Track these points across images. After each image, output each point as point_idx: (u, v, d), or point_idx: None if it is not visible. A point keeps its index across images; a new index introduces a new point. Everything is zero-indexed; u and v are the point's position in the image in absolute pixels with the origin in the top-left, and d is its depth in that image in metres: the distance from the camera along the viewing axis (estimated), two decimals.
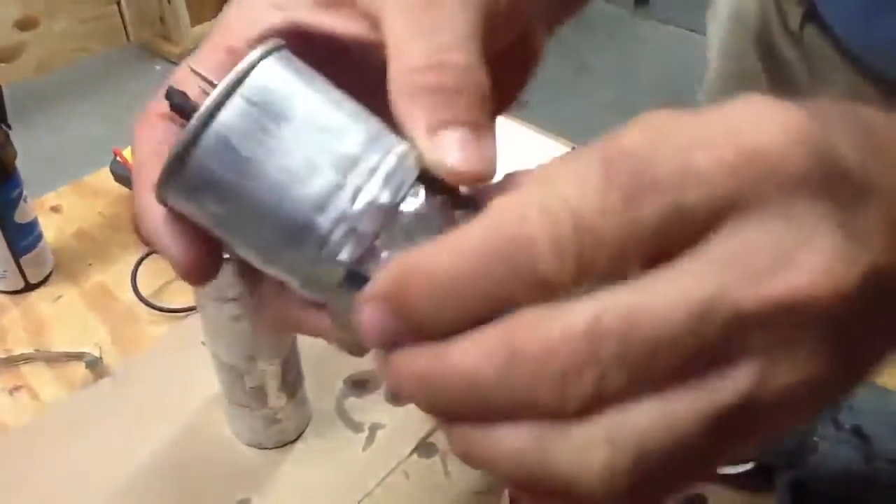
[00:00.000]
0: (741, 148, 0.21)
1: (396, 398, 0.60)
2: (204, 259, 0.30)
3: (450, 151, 0.26)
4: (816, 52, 0.67)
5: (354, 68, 0.30)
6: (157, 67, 2.47)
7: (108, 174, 0.77)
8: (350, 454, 0.57)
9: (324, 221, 0.25)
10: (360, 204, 0.25)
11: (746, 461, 0.52)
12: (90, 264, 0.72)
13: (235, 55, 0.29)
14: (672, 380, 0.21)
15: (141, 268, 0.69)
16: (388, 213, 0.25)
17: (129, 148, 0.77)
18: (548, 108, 1.94)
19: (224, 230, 0.28)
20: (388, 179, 0.25)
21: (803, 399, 0.22)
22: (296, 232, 0.26)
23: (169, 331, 0.66)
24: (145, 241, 0.31)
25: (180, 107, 0.28)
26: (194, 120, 0.26)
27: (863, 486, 0.49)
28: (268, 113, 0.26)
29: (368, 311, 0.23)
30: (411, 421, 0.58)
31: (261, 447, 0.57)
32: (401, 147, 0.27)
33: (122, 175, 0.75)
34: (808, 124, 0.22)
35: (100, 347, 0.64)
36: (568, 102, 2.20)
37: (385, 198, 0.25)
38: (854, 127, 0.23)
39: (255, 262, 0.28)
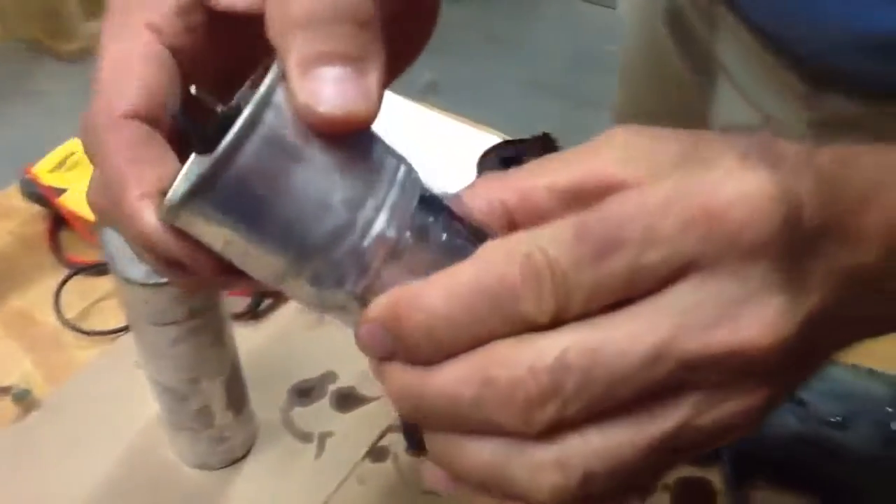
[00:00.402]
0: (707, 211, 0.24)
1: (343, 405, 0.59)
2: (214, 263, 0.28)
3: (323, 91, 0.25)
4: (726, 27, 0.68)
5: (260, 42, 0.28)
6: (51, 68, 2.35)
7: (16, 192, 0.73)
8: (302, 465, 0.56)
9: (334, 255, 0.26)
10: (368, 240, 0.26)
11: None
12: (5, 289, 0.69)
13: (161, 34, 0.29)
14: (621, 410, 0.24)
15: (63, 290, 0.66)
16: (393, 247, 0.26)
17: (40, 163, 0.73)
18: (460, 88, 1.95)
19: (231, 254, 0.27)
20: (393, 214, 0.26)
21: (738, 424, 0.25)
22: (306, 264, 0.26)
23: (99, 355, 0.63)
24: (147, 245, 0.28)
25: (192, 130, 0.25)
26: (221, 152, 0.25)
27: (800, 449, 0.52)
28: (287, 143, 0.25)
29: (366, 329, 0.26)
30: (360, 427, 0.58)
31: (207, 468, 0.55)
32: (401, 172, 0.27)
33: (34, 192, 0.72)
34: (773, 185, 0.24)
35: (28, 379, 0.61)
36: (480, 80, 2.21)
37: (391, 233, 0.26)
38: (810, 172, 0.25)
39: (257, 278, 0.28)
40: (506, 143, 0.72)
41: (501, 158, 0.68)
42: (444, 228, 0.27)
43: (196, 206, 0.26)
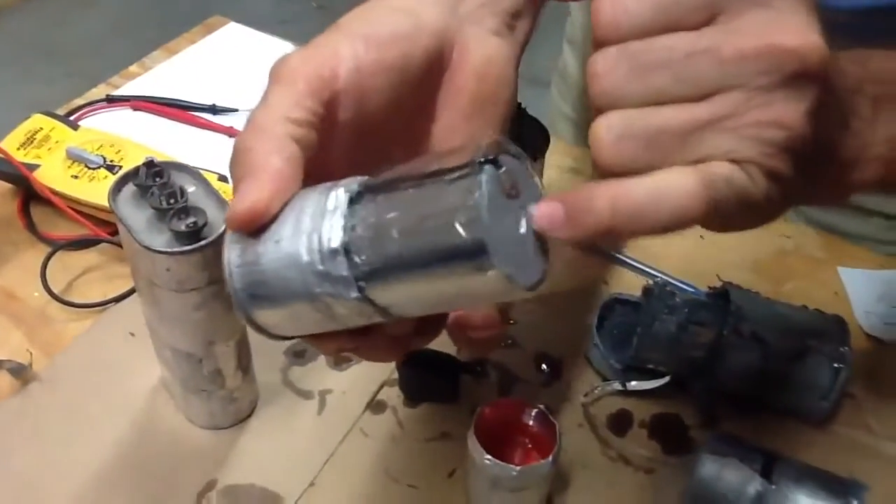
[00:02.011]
0: None
1: (339, 363, 0.63)
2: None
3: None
4: None
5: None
6: None
7: None
8: (305, 420, 0.59)
9: (319, 290, 0.32)
10: (324, 261, 0.32)
11: (663, 376, 0.59)
12: None
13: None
14: (674, 96, 0.30)
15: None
16: (343, 251, 0.32)
17: (5, 140, 0.73)
18: None
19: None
20: (332, 236, 0.32)
21: (769, 139, 0.30)
22: (317, 302, 0.33)
23: (92, 326, 0.64)
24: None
25: None
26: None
27: (761, 381, 0.58)
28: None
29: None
30: (357, 383, 0.61)
31: (217, 428, 0.58)
32: (331, 197, 0.33)
33: (3, 171, 0.71)
34: None
35: (20, 353, 0.61)
36: None
37: (335, 243, 0.32)
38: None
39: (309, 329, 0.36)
40: None
41: None
42: (381, 197, 0.32)
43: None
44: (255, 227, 0.34)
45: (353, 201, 0.32)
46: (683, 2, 0.30)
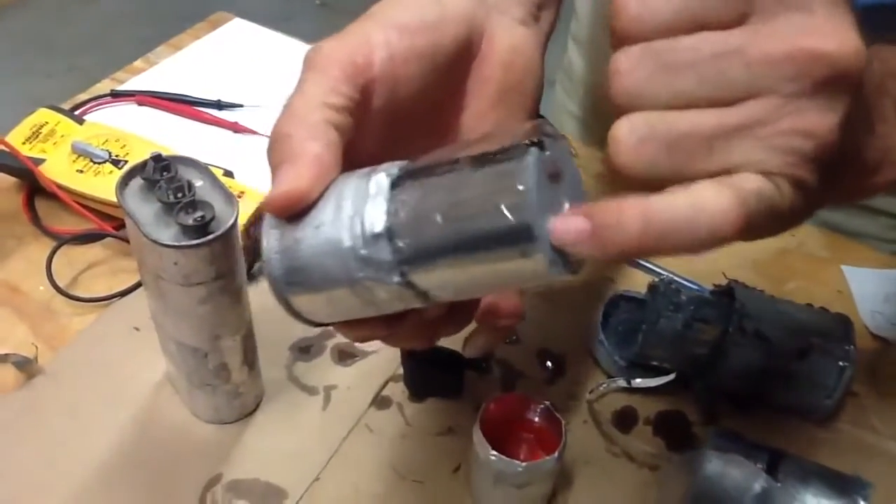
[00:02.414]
0: None
1: (343, 359, 0.63)
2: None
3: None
4: None
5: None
6: None
7: None
8: (311, 415, 0.59)
9: (361, 274, 0.33)
10: (366, 245, 0.32)
11: (668, 373, 0.59)
12: None
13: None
14: (700, 99, 0.29)
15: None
16: (387, 236, 0.32)
17: (10, 134, 0.73)
18: None
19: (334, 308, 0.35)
20: (375, 220, 0.32)
21: (796, 156, 0.29)
22: (358, 286, 0.33)
23: (96, 320, 0.64)
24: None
25: None
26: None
27: (765, 379, 0.58)
28: None
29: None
30: (362, 379, 0.61)
31: (222, 422, 0.58)
32: (372, 182, 0.33)
33: (7, 164, 0.71)
34: None
35: (25, 347, 0.61)
36: None
37: (379, 226, 0.32)
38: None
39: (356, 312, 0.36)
40: None
41: None
42: (423, 182, 0.32)
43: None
44: (294, 213, 0.34)
45: (394, 186, 0.32)
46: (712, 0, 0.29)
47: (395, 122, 0.38)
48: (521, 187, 0.29)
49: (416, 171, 0.33)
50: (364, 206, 0.32)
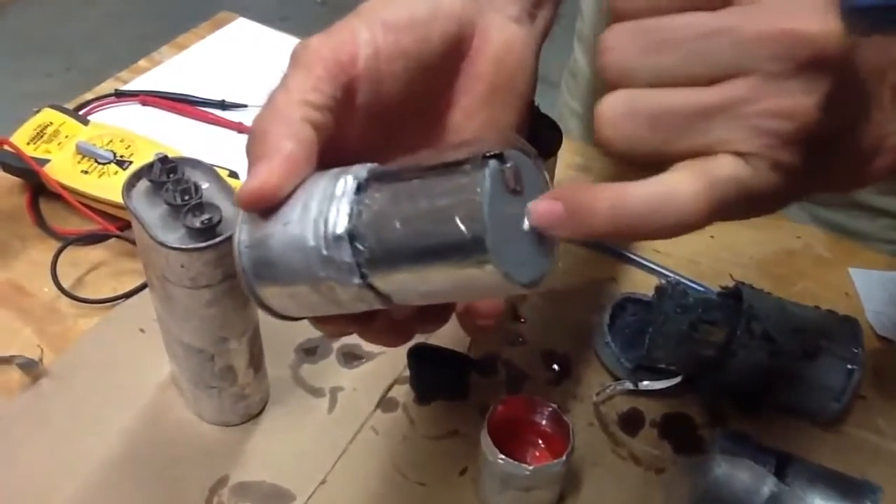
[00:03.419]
0: None
1: (350, 361, 0.63)
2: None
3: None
4: None
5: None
6: None
7: None
8: (316, 417, 0.59)
9: (323, 274, 0.33)
10: (329, 246, 0.32)
11: (674, 375, 0.59)
12: None
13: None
14: (685, 77, 0.30)
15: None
16: (348, 238, 0.32)
17: (15, 134, 0.73)
18: None
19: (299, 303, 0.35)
20: (337, 222, 0.32)
21: (774, 138, 0.29)
22: (320, 284, 0.34)
23: (101, 322, 0.64)
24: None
25: None
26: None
27: (772, 381, 0.58)
28: None
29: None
30: (368, 381, 0.61)
31: (227, 424, 0.58)
32: (339, 184, 0.33)
33: (12, 164, 0.71)
34: None
35: (30, 349, 0.61)
36: None
37: (341, 228, 0.32)
38: None
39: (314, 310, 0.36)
40: None
41: None
42: (388, 186, 0.32)
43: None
44: (265, 208, 0.34)
45: (360, 188, 0.33)
46: None
47: (381, 120, 0.38)
48: (475, 199, 0.29)
49: (382, 175, 0.33)
50: (329, 206, 0.33)
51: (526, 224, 0.32)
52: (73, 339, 0.63)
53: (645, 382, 0.59)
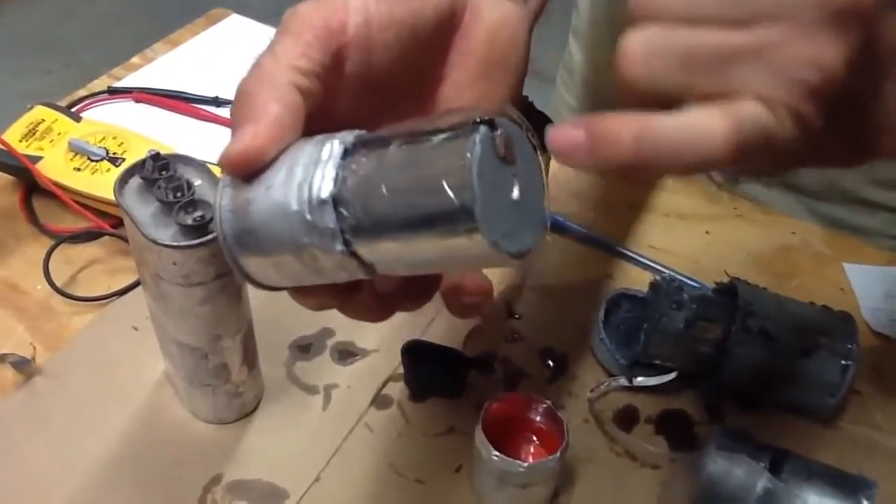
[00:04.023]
0: None
1: (344, 358, 0.62)
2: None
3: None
4: None
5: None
6: None
7: None
8: (311, 415, 0.59)
9: (306, 240, 0.32)
10: (313, 211, 0.32)
11: (669, 371, 0.59)
12: None
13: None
14: (717, 17, 0.30)
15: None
16: (332, 203, 0.31)
17: (7, 131, 0.72)
18: None
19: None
20: (322, 186, 0.32)
21: (800, 86, 0.29)
22: (303, 252, 0.33)
23: (92, 320, 0.64)
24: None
25: None
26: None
27: (768, 378, 0.58)
28: None
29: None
30: (362, 378, 0.61)
31: (221, 422, 0.57)
32: (325, 150, 0.33)
33: (5, 163, 0.71)
34: None
35: (23, 347, 0.61)
36: None
37: (325, 193, 0.31)
38: None
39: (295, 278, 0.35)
40: None
41: None
42: (375, 152, 0.31)
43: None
44: (249, 172, 0.33)
45: (346, 154, 0.32)
46: None
47: (371, 89, 0.38)
48: (464, 164, 0.29)
49: (369, 142, 0.32)
50: (314, 171, 0.32)
51: (516, 193, 0.31)
52: (67, 338, 0.63)
53: (640, 379, 0.59)
